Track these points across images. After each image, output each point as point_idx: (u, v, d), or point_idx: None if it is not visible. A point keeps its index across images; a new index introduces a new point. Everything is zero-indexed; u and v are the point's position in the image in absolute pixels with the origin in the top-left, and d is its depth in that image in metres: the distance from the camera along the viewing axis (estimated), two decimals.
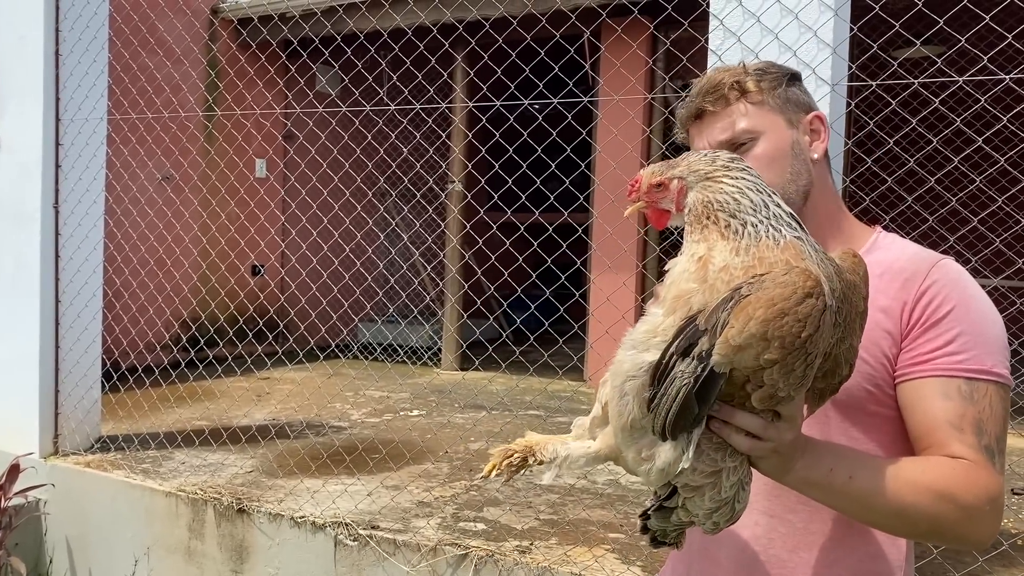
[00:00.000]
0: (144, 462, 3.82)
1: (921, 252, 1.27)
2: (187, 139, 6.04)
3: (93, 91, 3.91)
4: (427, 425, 4.75)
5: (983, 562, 2.61)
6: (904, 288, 1.23)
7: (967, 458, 1.14)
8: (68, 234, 3.92)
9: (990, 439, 1.15)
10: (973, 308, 1.20)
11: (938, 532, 1.16)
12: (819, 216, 1.31)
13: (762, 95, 1.29)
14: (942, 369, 1.18)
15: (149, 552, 3.49)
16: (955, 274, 1.23)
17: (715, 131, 1.30)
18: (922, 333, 1.20)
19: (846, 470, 1.13)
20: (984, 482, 1.13)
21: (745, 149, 1.27)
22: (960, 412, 1.16)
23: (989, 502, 1.13)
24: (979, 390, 1.17)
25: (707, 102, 1.30)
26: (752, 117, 1.29)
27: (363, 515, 3.13)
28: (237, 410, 4.93)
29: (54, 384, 3.93)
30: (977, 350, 1.17)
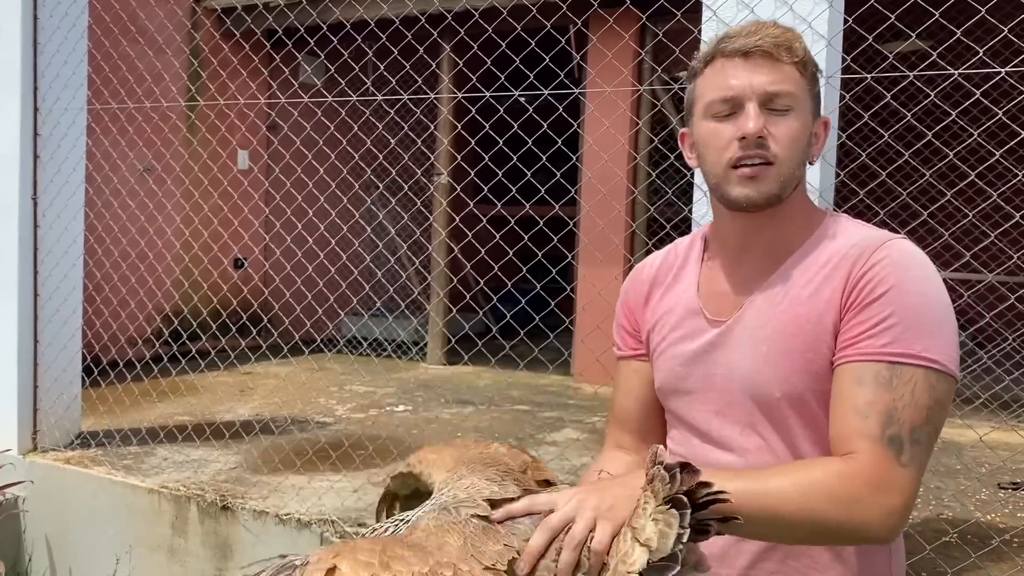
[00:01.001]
0: (126, 458, 3.75)
1: (871, 235, 1.21)
2: (169, 130, 5.95)
3: (72, 80, 3.82)
4: (414, 421, 4.71)
5: (975, 558, 2.60)
6: (846, 272, 1.17)
7: (861, 450, 1.09)
8: (47, 226, 3.84)
9: (900, 428, 1.09)
10: (911, 290, 1.12)
11: (822, 533, 1.10)
12: (793, 209, 1.25)
13: (808, 73, 1.23)
14: (864, 353, 1.12)
15: (131, 550, 3.43)
16: (899, 254, 1.16)
17: (762, 76, 1.19)
18: (853, 316, 1.15)
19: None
20: (868, 473, 1.07)
21: (779, 114, 1.20)
22: (870, 399, 1.10)
23: (872, 492, 1.07)
24: (901, 376, 1.10)
25: (768, 46, 1.20)
26: (799, 87, 1.21)
27: (350, 512, 3.08)
28: (220, 405, 4.86)
29: (33, 379, 3.85)
30: (907, 334, 1.10)
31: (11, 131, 3.76)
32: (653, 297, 1.39)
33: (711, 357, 1.27)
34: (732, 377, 1.24)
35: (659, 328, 1.36)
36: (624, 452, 1.45)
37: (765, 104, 1.19)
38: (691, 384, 1.30)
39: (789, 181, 1.21)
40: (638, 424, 1.43)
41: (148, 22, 5.48)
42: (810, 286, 1.19)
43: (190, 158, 6.17)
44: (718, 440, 1.27)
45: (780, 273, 1.23)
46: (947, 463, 3.98)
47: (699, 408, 1.29)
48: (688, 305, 1.32)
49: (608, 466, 1.42)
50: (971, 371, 5.27)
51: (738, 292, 1.27)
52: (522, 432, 4.46)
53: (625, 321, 1.44)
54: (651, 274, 1.41)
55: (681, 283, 1.36)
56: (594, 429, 4.60)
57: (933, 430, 1.11)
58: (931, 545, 2.57)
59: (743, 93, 1.19)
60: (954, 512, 3.30)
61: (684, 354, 1.30)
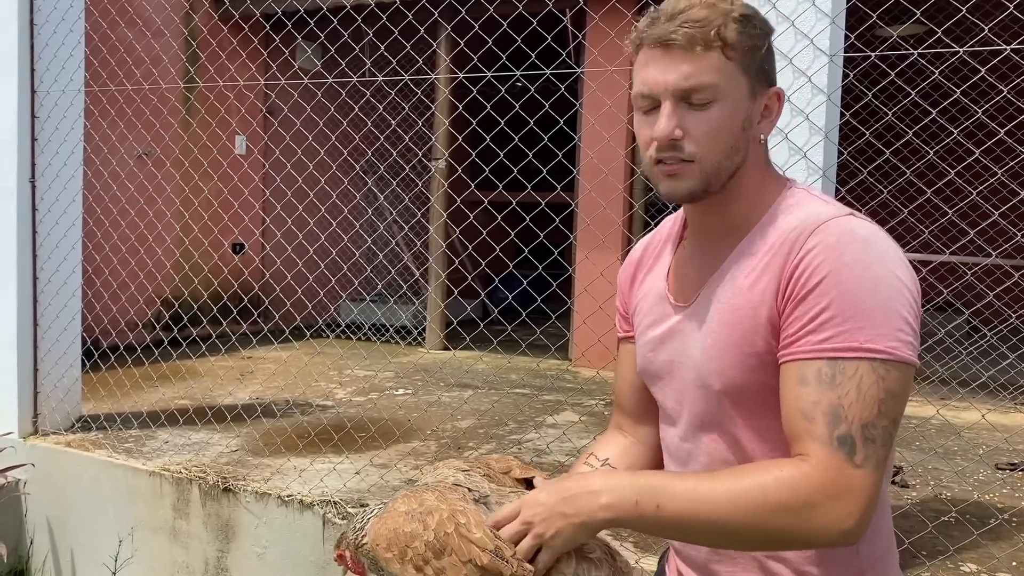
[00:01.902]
0: (126, 441, 3.75)
1: (812, 214, 1.13)
2: (167, 113, 5.91)
3: (70, 62, 3.80)
4: (414, 404, 4.72)
5: (977, 535, 2.62)
6: (782, 262, 1.11)
7: (809, 452, 1.05)
8: (45, 209, 3.82)
9: (850, 427, 1.03)
10: (847, 276, 1.05)
11: (775, 540, 1.08)
12: (743, 190, 1.19)
13: (740, 52, 1.13)
14: (802, 351, 1.07)
15: (133, 532, 3.43)
16: (836, 237, 1.08)
17: (677, 73, 1.12)
18: (792, 310, 1.09)
19: (652, 500, 1.09)
20: (818, 477, 1.03)
21: (697, 107, 1.13)
22: (814, 400, 1.05)
23: (825, 498, 1.03)
24: (845, 371, 1.04)
25: (682, 36, 1.12)
26: (722, 74, 1.12)
27: (352, 493, 3.09)
28: (221, 389, 4.86)
29: (33, 363, 3.84)
30: (846, 325, 1.04)
31: (8, 113, 3.74)
32: (637, 280, 1.39)
33: (672, 344, 1.26)
34: (686, 366, 1.23)
35: (638, 311, 1.37)
36: (621, 434, 1.46)
37: (683, 99, 1.13)
38: (658, 369, 1.29)
39: (716, 174, 1.16)
40: (633, 407, 1.44)
41: (145, 4, 5.44)
42: (752, 275, 1.15)
43: (188, 141, 6.14)
44: (681, 428, 1.28)
45: (729, 260, 1.20)
46: (945, 444, 4.00)
47: (667, 394, 1.29)
48: (658, 289, 1.32)
49: (601, 449, 1.44)
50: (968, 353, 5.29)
51: (697, 277, 1.25)
52: (522, 415, 4.47)
53: (619, 303, 1.45)
54: (638, 256, 1.41)
55: (659, 265, 1.35)
56: (593, 412, 4.62)
57: (889, 423, 1.05)
58: (931, 524, 2.59)
59: (658, 91, 1.14)
60: (953, 492, 3.32)
61: (653, 339, 1.30)
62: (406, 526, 1.13)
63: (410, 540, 1.12)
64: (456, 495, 1.19)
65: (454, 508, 1.15)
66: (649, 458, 1.41)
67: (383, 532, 1.16)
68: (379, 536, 1.16)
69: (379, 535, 1.16)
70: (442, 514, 1.13)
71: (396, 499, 1.22)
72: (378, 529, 1.17)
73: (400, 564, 1.13)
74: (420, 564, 1.12)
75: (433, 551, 1.11)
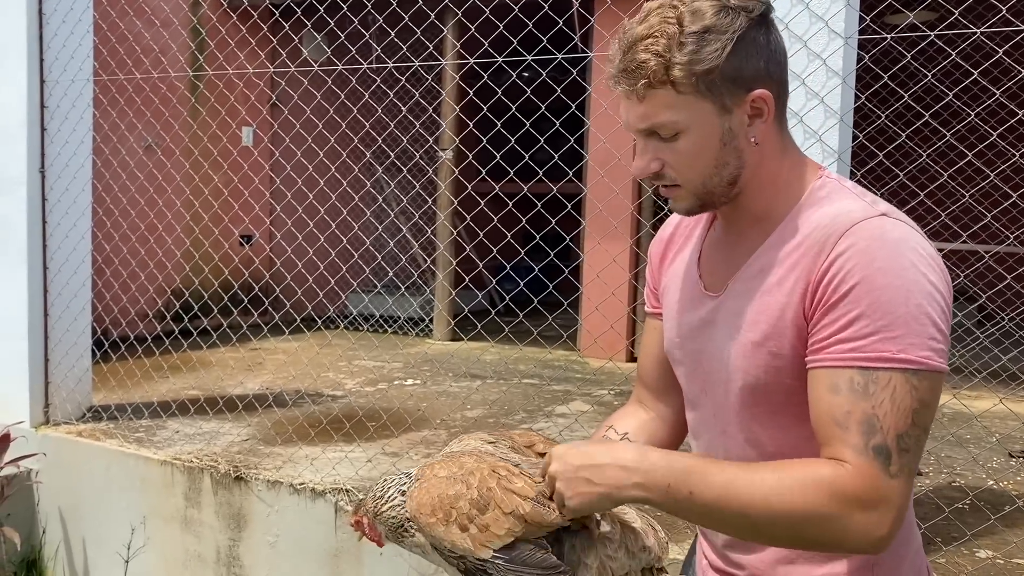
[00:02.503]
0: (137, 431, 3.76)
1: (843, 213, 1.10)
2: (174, 104, 5.91)
3: (79, 52, 3.79)
4: (423, 394, 4.71)
5: (994, 520, 2.61)
6: (811, 263, 1.09)
7: (846, 460, 1.04)
8: (55, 199, 3.82)
9: (885, 437, 1.02)
10: (879, 284, 1.03)
11: (803, 541, 1.08)
12: (760, 184, 1.17)
13: (692, 81, 1.08)
14: (833, 359, 1.06)
15: (145, 521, 3.44)
16: (867, 241, 1.05)
17: (634, 115, 1.14)
18: (822, 316, 1.07)
19: (685, 486, 1.07)
20: (854, 487, 1.02)
21: (665, 138, 1.13)
22: (847, 408, 1.04)
23: (858, 508, 1.02)
24: (878, 381, 1.03)
25: (624, 87, 1.12)
26: (676, 109, 1.10)
27: (364, 481, 3.09)
28: (231, 379, 4.87)
29: (43, 352, 3.85)
30: (879, 335, 1.02)
31: (18, 103, 3.73)
32: (668, 257, 1.38)
33: (702, 333, 1.25)
34: (713, 357, 1.22)
35: (667, 290, 1.35)
36: (642, 408, 1.45)
37: (651, 135, 1.14)
38: (685, 355, 1.29)
39: (706, 192, 1.16)
40: (655, 382, 1.42)
41: None
42: (778, 273, 1.13)
43: (197, 131, 6.14)
44: (703, 416, 1.27)
45: (757, 255, 1.18)
46: (957, 433, 3.98)
47: (691, 380, 1.29)
48: (690, 272, 1.30)
49: (620, 422, 1.43)
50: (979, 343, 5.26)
51: (728, 267, 1.23)
52: (531, 404, 4.47)
53: (649, 278, 1.44)
54: (670, 232, 1.39)
55: (689, 246, 1.33)
56: (602, 401, 4.61)
57: (921, 432, 1.05)
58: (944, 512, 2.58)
59: (629, 129, 1.17)
60: (967, 479, 3.31)
61: (681, 324, 1.29)
62: (449, 489, 1.15)
63: (454, 501, 1.14)
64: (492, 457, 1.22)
65: (493, 464, 1.17)
66: (668, 435, 1.41)
67: (426, 500, 1.17)
68: (422, 505, 1.17)
69: (422, 503, 1.17)
70: (483, 471, 1.16)
71: (432, 465, 1.23)
72: (420, 498, 1.18)
73: (445, 526, 1.15)
74: (465, 523, 1.13)
75: (477, 507, 1.13)
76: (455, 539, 1.15)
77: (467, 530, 1.14)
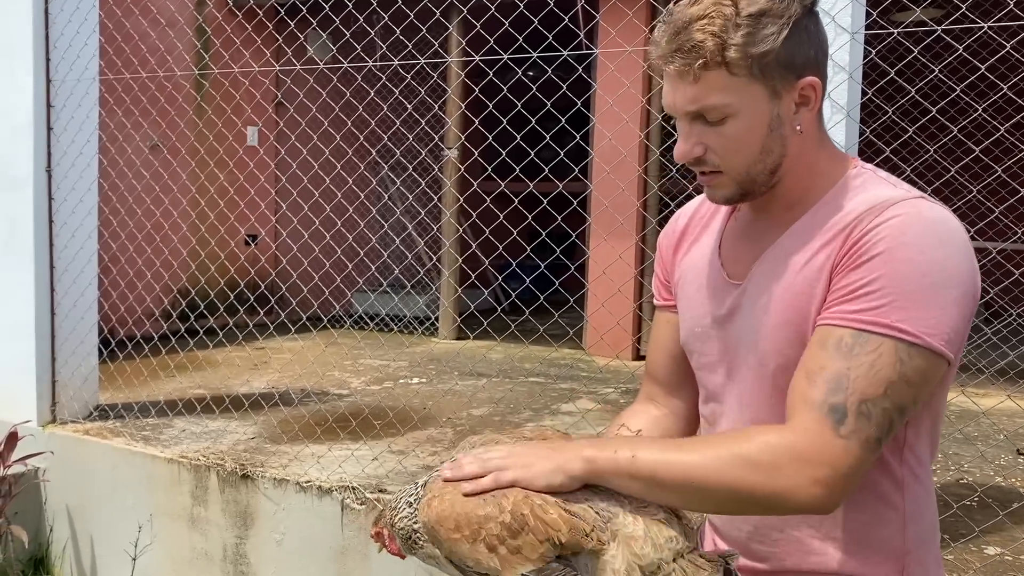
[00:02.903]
0: (144, 430, 3.76)
1: (880, 196, 1.10)
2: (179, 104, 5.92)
3: (85, 51, 3.80)
4: (429, 392, 4.72)
5: (1002, 516, 2.60)
6: (843, 239, 1.09)
7: (798, 415, 1.04)
8: (62, 198, 3.83)
9: (847, 397, 1.01)
10: (901, 256, 1.03)
11: (742, 500, 1.06)
12: (797, 173, 1.16)
13: (747, 64, 1.08)
14: (835, 316, 1.06)
15: (152, 519, 3.45)
16: (901, 218, 1.05)
17: (683, 97, 1.12)
18: (841, 279, 1.07)
19: (628, 451, 1.08)
20: (795, 440, 1.02)
21: (712, 122, 1.11)
22: (822, 363, 1.04)
23: (795, 460, 1.01)
24: (866, 345, 1.02)
25: (676, 68, 1.10)
26: (728, 92, 1.09)
27: (370, 479, 3.09)
28: (236, 378, 4.88)
29: (50, 351, 3.86)
30: (883, 301, 1.02)
31: (25, 102, 3.74)
32: (682, 248, 1.36)
33: (724, 319, 1.24)
34: (740, 343, 1.21)
35: (683, 281, 1.33)
36: (654, 405, 1.42)
37: (697, 118, 1.12)
38: (706, 344, 1.27)
39: (748, 180, 1.15)
40: (667, 377, 1.40)
41: None
42: (808, 252, 1.13)
43: (202, 130, 6.15)
44: (727, 405, 1.25)
45: (786, 237, 1.17)
46: (965, 430, 3.97)
47: (715, 369, 1.27)
48: (710, 260, 1.29)
49: (632, 419, 1.40)
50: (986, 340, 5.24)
51: (752, 253, 1.22)
52: (537, 403, 4.47)
53: (659, 271, 1.41)
54: (684, 223, 1.37)
55: (708, 235, 1.32)
56: (608, 399, 4.60)
57: (892, 406, 1.03)
58: (952, 508, 2.57)
59: (673, 112, 1.15)
60: (974, 476, 3.30)
61: (704, 314, 1.27)
62: (479, 509, 1.11)
63: (484, 522, 1.10)
64: None
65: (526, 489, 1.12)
66: (681, 430, 1.39)
67: (449, 514, 1.12)
68: (444, 518, 1.12)
69: (444, 517, 1.12)
70: (516, 495, 1.10)
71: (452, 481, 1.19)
72: (441, 511, 1.13)
73: (470, 544, 1.11)
74: (494, 544, 1.10)
75: (510, 531, 1.09)
76: (480, 557, 1.11)
77: (495, 551, 1.11)
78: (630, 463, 1.08)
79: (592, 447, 1.11)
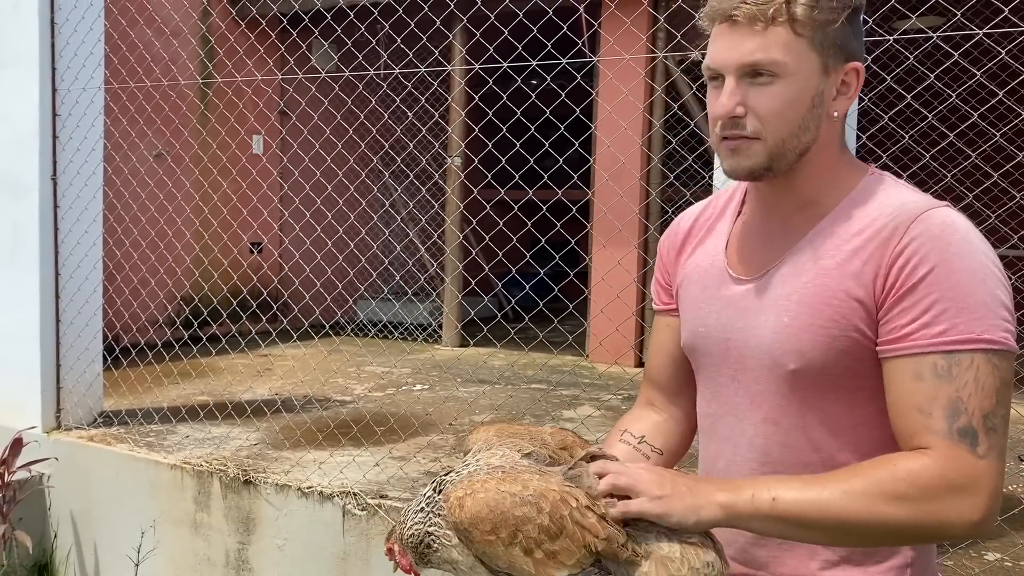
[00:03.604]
0: (147, 436, 3.79)
1: (908, 202, 1.11)
2: (183, 112, 5.96)
3: (90, 60, 3.84)
4: (431, 399, 4.73)
5: (1000, 522, 2.60)
6: (881, 248, 1.09)
7: (931, 446, 1.04)
8: (67, 206, 3.86)
9: (970, 418, 1.03)
10: (956, 268, 1.04)
11: (897, 533, 1.06)
12: (817, 168, 1.17)
13: (810, 28, 1.10)
14: (917, 346, 1.06)
15: (155, 525, 3.46)
16: (939, 228, 1.07)
17: (740, 50, 1.11)
18: (896, 303, 1.07)
19: (768, 493, 1.07)
20: (940, 470, 1.02)
21: (762, 84, 1.11)
22: (931, 395, 1.04)
23: (948, 491, 1.02)
24: (960, 363, 1.03)
25: (744, 13, 1.10)
26: (789, 51, 1.10)
27: (371, 485, 3.10)
28: (239, 385, 4.90)
29: (55, 358, 3.89)
30: (960, 317, 1.03)
31: (30, 111, 3.78)
32: (685, 251, 1.35)
33: (730, 319, 1.23)
34: (748, 344, 1.20)
35: (687, 283, 1.32)
36: (654, 410, 1.42)
37: (747, 76, 1.11)
38: (711, 344, 1.26)
39: (780, 153, 1.14)
40: (668, 381, 1.40)
41: (163, 3, 5.48)
42: (838, 255, 1.13)
43: (206, 138, 6.19)
44: (731, 406, 1.24)
45: (808, 239, 1.17)
46: None
47: (718, 369, 1.26)
48: (715, 262, 1.28)
49: (634, 425, 1.40)
50: None
51: (766, 253, 1.21)
52: (539, 409, 4.48)
53: (660, 274, 1.41)
54: (687, 227, 1.37)
55: (713, 238, 1.31)
56: (610, 406, 4.61)
57: (1006, 412, 1.05)
58: None
59: (721, 66, 1.13)
60: None
61: (707, 312, 1.27)
62: (516, 510, 1.07)
63: (521, 524, 1.07)
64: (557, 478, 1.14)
65: (563, 491, 1.10)
66: (682, 436, 1.39)
67: (485, 516, 1.08)
68: (480, 519, 1.09)
69: (480, 519, 1.09)
70: (554, 496, 1.08)
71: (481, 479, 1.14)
72: (476, 512, 1.09)
73: (505, 547, 1.08)
74: (531, 547, 1.07)
75: (548, 535, 1.07)
76: (515, 560, 1.08)
77: (531, 554, 1.08)
78: (771, 507, 1.07)
79: (725, 491, 1.10)
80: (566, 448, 1.24)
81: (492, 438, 1.24)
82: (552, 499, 1.08)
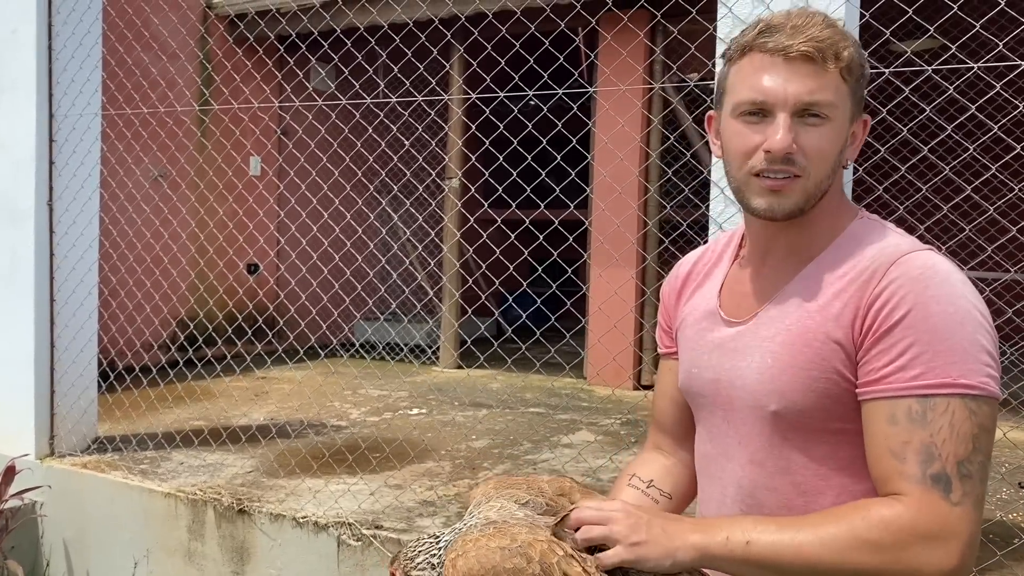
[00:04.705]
0: (142, 463, 3.76)
1: (890, 245, 1.12)
2: (182, 135, 5.97)
3: (87, 86, 3.84)
4: (428, 423, 4.70)
5: (1000, 556, 2.58)
6: (860, 291, 1.10)
7: (905, 492, 1.03)
8: (63, 232, 3.85)
9: (944, 464, 1.01)
10: (933, 311, 1.04)
11: None
12: (823, 212, 1.18)
13: (853, 76, 1.12)
14: (892, 389, 1.05)
15: (148, 554, 3.43)
16: (918, 271, 1.06)
17: (801, 87, 1.10)
18: (873, 345, 1.07)
19: (742, 536, 1.07)
20: (913, 518, 1.01)
21: (812, 122, 1.11)
22: (904, 439, 1.04)
23: (920, 539, 1.01)
24: (936, 408, 1.02)
25: (811, 48, 1.09)
26: (839, 95, 1.11)
27: (367, 515, 3.08)
28: (236, 410, 4.87)
29: (49, 384, 3.86)
30: (937, 361, 1.03)
31: (27, 137, 3.78)
32: (684, 295, 1.37)
33: (720, 360, 1.24)
34: (734, 385, 1.21)
35: (684, 325, 1.34)
36: (662, 454, 1.43)
37: (799, 114, 1.11)
38: (703, 386, 1.27)
39: (815, 193, 1.14)
40: (673, 426, 1.41)
41: (161, 28, 5.51)
42: (821, 299, 1.13)
43: (203, 164, 6.20)
44: (724, 447, 1.25)
45: (795, 283, 1.18)
46: None
47: (711, 410, 1.27)
48: (708, 305, 1.30)
49: (643, 470, 1.41)
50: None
51: (757, 296, 1.22)
52: (537, 434, 4.45)
53: (662, 319, 1.43)
54: (686, 271, 1.39)
55: (710, 281, 1.33)
56: (609, 431, 4.59)
57: (984, 458, 1.04)
58: None
59: (776, 101, 1.11)
60: None
61: (699, 354, 1.28)
62: (507, 563, 1.10)
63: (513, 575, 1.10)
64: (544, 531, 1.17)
65: (551, 540, 1.13)
66: (691, 479, 1.39)
67: (474, 569, 1.11)
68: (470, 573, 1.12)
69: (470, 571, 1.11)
70: (542, 546, 1.11)
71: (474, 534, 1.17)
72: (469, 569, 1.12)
73: None
74: None
75: None
76: None
77: None
78: (745, 550, 1.07)
79: (699, 532, 1.10)
80: (564, 494, 1.25)
81: (491, 491, 1.27)
82: (540, 549, 1.10)
